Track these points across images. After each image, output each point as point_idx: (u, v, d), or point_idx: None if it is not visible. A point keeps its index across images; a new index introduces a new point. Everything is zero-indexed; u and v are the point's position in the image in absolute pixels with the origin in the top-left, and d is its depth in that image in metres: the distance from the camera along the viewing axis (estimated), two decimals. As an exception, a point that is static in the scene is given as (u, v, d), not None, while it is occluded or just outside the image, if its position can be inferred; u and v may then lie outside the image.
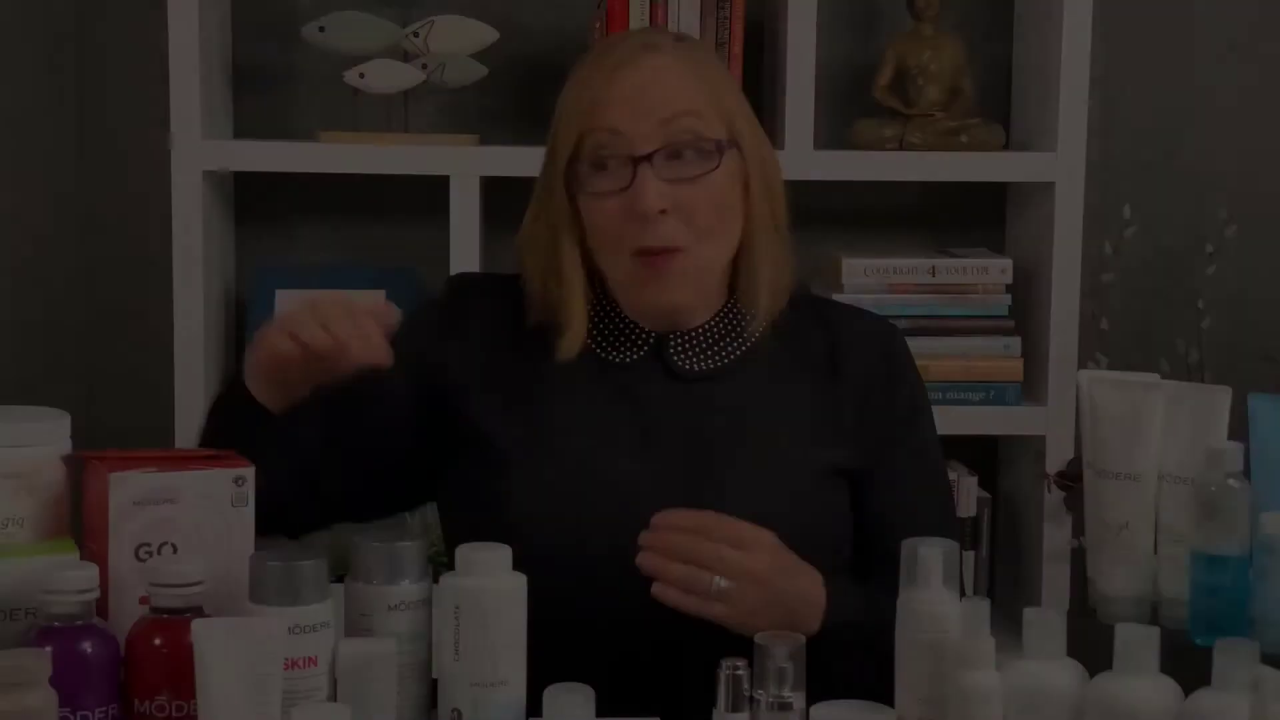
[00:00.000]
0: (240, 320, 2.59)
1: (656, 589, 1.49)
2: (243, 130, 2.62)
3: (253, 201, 2.64)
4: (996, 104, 2.66)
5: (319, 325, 1.54)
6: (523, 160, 2.49)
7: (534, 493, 1.62)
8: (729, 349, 1.70)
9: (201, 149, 2.40)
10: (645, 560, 1.49)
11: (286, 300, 2.51)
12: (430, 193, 2.48)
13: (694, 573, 1.49)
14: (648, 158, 1.61)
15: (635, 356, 1.69)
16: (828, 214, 2.63)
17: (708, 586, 1.48)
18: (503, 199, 2.48)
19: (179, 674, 1.31)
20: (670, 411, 1.66)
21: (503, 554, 1.42)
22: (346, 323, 1.54)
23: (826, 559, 1.61)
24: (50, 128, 2.61)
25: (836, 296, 2.46)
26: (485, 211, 2.47)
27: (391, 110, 2.51)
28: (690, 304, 1.67)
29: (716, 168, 1.63)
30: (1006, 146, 2.56)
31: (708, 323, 1.70)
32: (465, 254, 2.41)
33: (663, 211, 1.61)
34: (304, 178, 2.54)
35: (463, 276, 1.89)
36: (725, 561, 1.49)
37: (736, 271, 1.70)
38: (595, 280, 1.71)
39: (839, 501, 1.68)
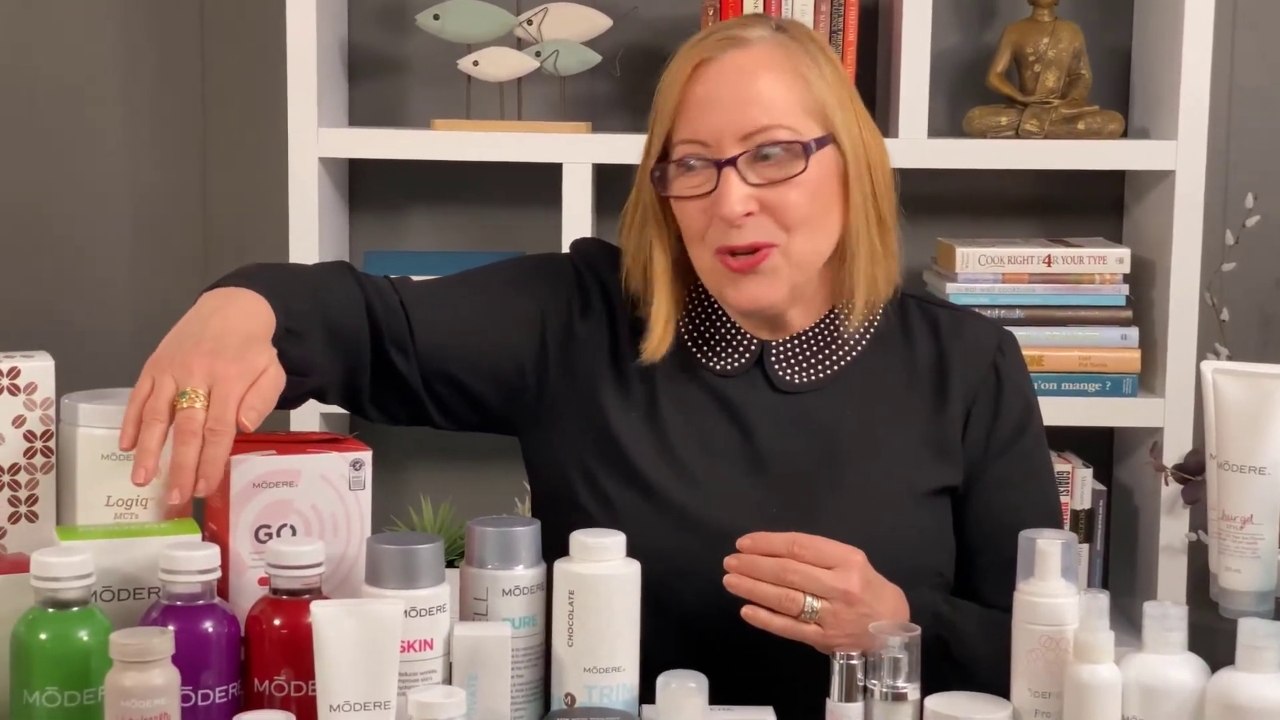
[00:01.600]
0: (354, 306, 2.61)
1: (747, 611, 1.47)
2: (357, 118, 2.64)
3: (366, 189, 2.67)
4: (1115, 91, 2.62)
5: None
6: (634, 148, 2.48)
7: (639, 499, 1.61)
8: (832, 359, 1.66)
9: (317, 137, 2.43)
10: (734, 583, 1.47)
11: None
12: (542, 180, 2.49)
13: (786, 595, 1.47)
14: (732, 162, 1.57)
15: (737, 364, 1.66)
16: (941, 202, 2.61)
17: (800, 609, 1.47)
18: (614, 186, 2.48)
19: (298, 654, 1.33)
20: (770, 427, 1.63)
21: (617, 540, 1.42)
22: (185, 462, 1.35)
23: (925, 579, 1.60)
24: (174, 115, 2.65)
25: (950, 286, 2.44)
26: (597, 199, 2.48)
27: (504, 98, 2.52)
28: (784, 304, 1.63)
29: (803, 170, 1.58)
30: (1125, 134, 2.53)
31: (810, 329, 1.67)
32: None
33: (749, 214, 1.58)
34: (417, 165, 2.56)
35: (607, 249, 1.74)
36: (816, 583, 1.47)
37: (838, 270, 1.66)
38: (698, 285, 1.69)
39: (940, 521, 1.65)
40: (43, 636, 1.29)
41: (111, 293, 2.66)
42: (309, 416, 2.42)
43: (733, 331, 1.67)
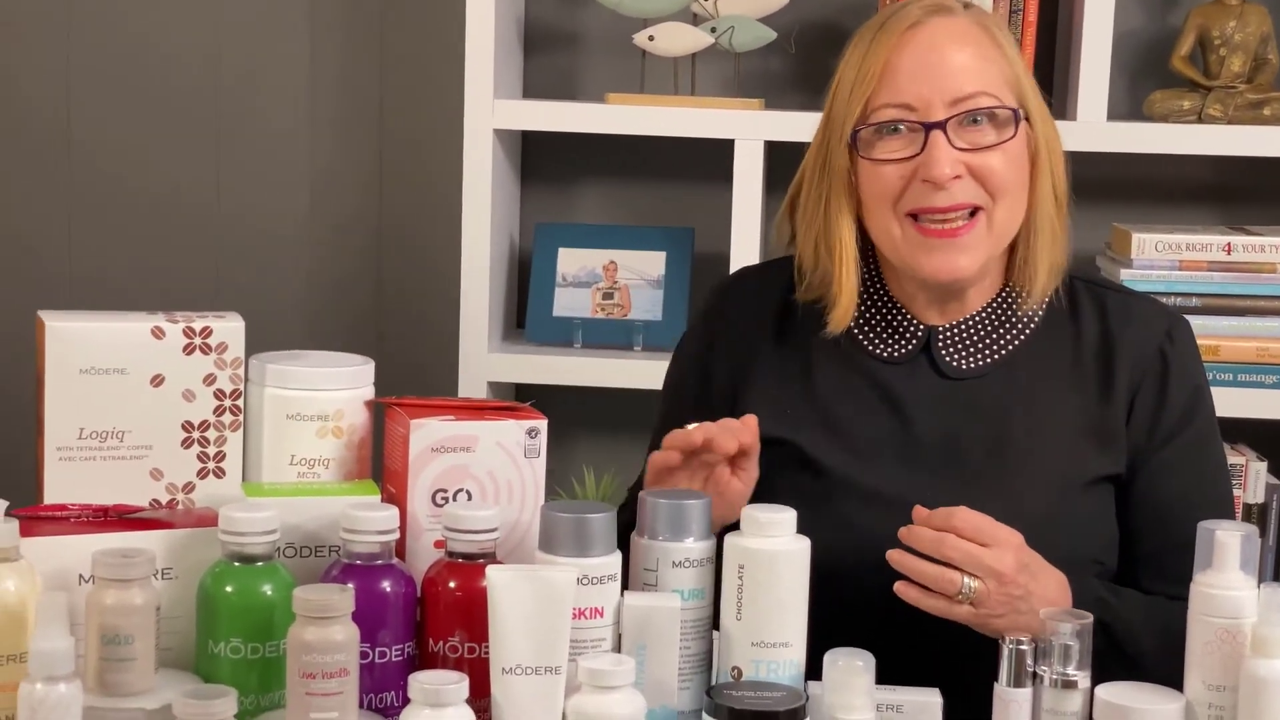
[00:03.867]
0: (523, 276, 2.65)
1: (900, 587, 1.47)
2: (532, 91, 2.67)
3: (538, 161, 2.69)
4: (1302, 77, 2.55)
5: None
6: (807, 125, 2.47)
7: (798, 487, 1.62)
8: (1001, 341, 1.66)
9: (492, 109, 2.46)
10: (896, 559, 1.48)
11: (568, 258, 2.56)
12: (714, 156, 2.49)
13: (943, 573, 1.46)
14: (941, 125, 1.59)
15: (903, 351, 1.66)
16: (1119, 186, 2.57)
17: (956, 588, 1.46)
18: (786, 164, 2.47)
19: (472, 617, 1.35)
20: (932, 414, 1.63)
21: (788, 517, 1.43)
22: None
23: (1086, 568, 1.58)
24: (353, 87, 2.69)
25: (1125, 272, 2.40)
26: (768, 176, 2.48)
27: (678, 73, 2.53)
28: (974, 276, 1.63)
29: (1013, 136, 1.60)
30: (1312, 121, 2.46)
31: (980, 311, 1.66)
32: (747, 218, 2.42)
33: (956, 177, 1.58)
34: (589, 138, 2.58)
35: (725, 282, 1.83)
36: (972, 560, 1.46)
37: (1015, 250, 1.66)
38: (868, 265, 1.69)
39: (1104, 510, 1.63)
40: (228, 589, 1.33)
41: (292, 260, 2.72)
42: (477, 385, 2.46)
43: (900, 317, 1.67)
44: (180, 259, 2.71)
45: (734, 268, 2.42)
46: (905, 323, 1.66)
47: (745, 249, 2.42)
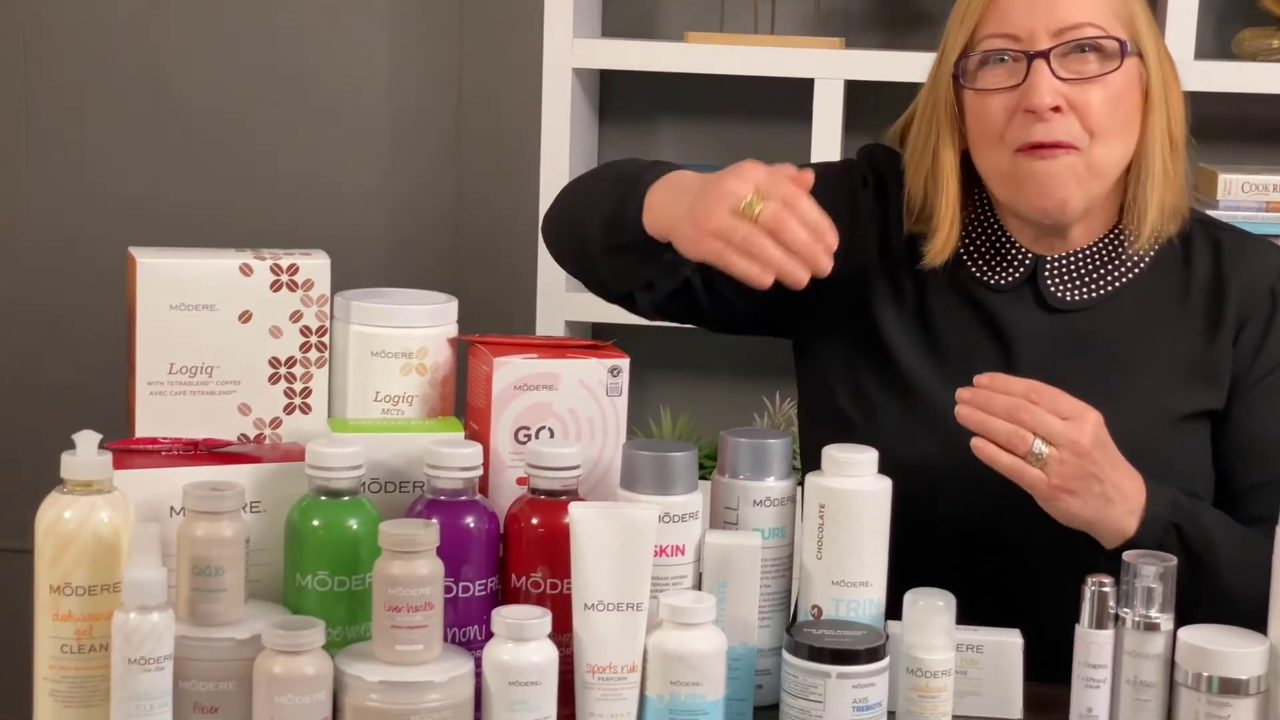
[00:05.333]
0: (601, 217, 2.65)
1: (976, 443, 1.45)
2: (611, 30, 2.66)
3: (616, 100, 2.69)
4: (1394, 15, 2.50)
5: (776, 241, 1.42)
6: (887, 65, 2.47)
7: (900, 405, 1.62)
8: (1108, 277, 1.65)
9: (571, 48, 2.45)
10: (966, 415, 1.46)
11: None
12: (793, 95, 2.48)
13: (1017, 432, 1.44)
14: (1044, 54, 1.57)
15: (1009, 279, 1.65)
16: (1204, 126, 2.52)
17: (1027, 448, 1.45)
18: (865, 103, 2.47)
19: (554, 553, 1.36)
20: (1035, 344, 1.63)
21: (869, 456, 1.43)
22: (802, 239, 1.42)
23: None
24: (433, 26, 2.70)
25: (1209, 214, 2.37)
26: (848, 116, 2.46)
27: (758, 11, 2.51)
28: (1076, 211, 1.61)
29: (1117, 69, 1.58)
30: (1404, 60, 2.42)
31: (1090, 246, 1.66)
32: (825, 157, 2.40)
33: (1056, 109, 1.56)
34: (668, 77, 2.57)
35: (876, 151, 1.76)
36: (1048, 427, 1.44)
37: (1126, 189, 1.65)
38: (978, 194, 1.68)
39: (1199, 445, 1.62)
40: (315, 523, 1.34)
41: (372, 201, 2.73)
42: (554, 325, 2.47)
43: (1009, 245, 1.66)
44: (263, 199, 2.73)
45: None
46: (1013, 251, 1.66)
47: (824, 189, 2.40)
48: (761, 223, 1.41)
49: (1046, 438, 1.44)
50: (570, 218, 1.68)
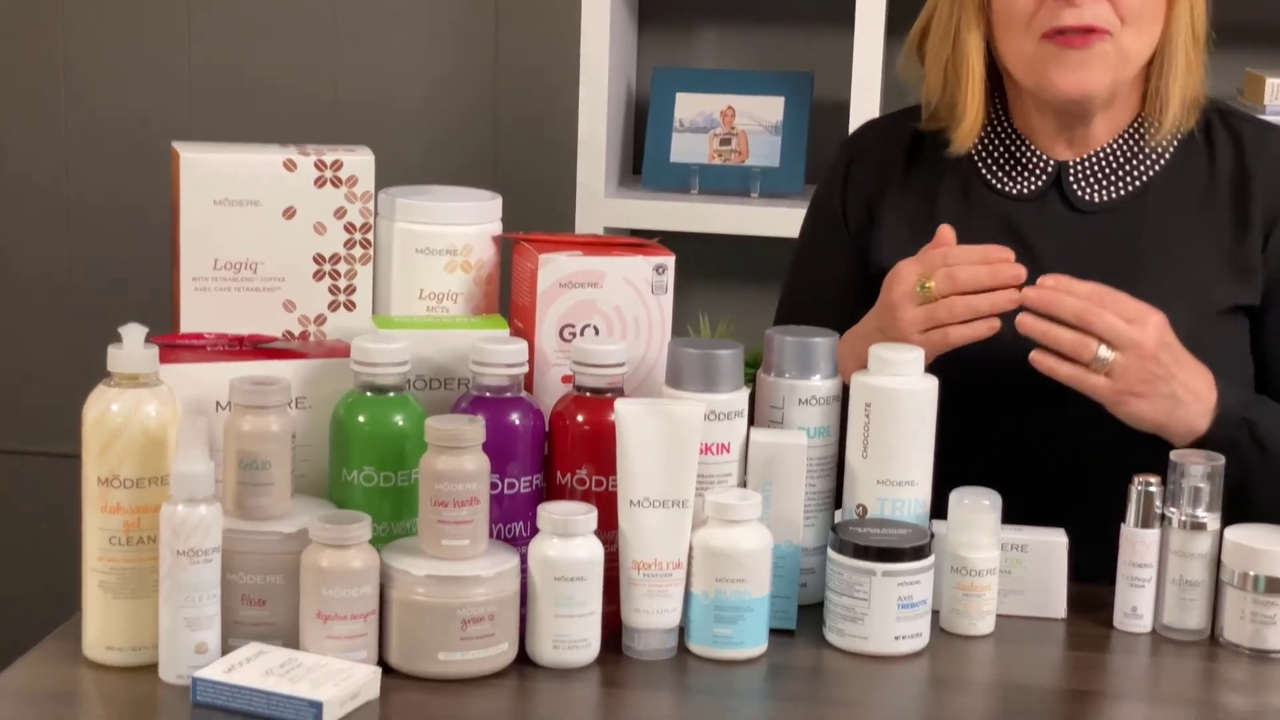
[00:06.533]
0: (640, 122, 2.63)
1: (1035, 355, 1.45)
2: (649, -67, 2.63)
3: (656, 3, 2.66)
4: None
5: (960, 313, 1.47)
6: (932, -33, 2.41)
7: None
8: (1133, 174, 1.63)
9: (611, -50, 2.43)
10: (1027, 323, 1.45)
11: (685, 103, 2.53)
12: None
13: (1079, 339, 1.43)
14: None
15: (1032, 187, 1.64)
16: (1253, 30, 2.49)
17: (1091, 356, 1.44)
18: (907, 6, 2.43)
19: (599, 450, 1.36)
20: (1061, 250, 1.61)
21: (915, 355, 1.42)
22: (982, 276, 1.47)
23: None
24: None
25: (1263, 118, 2.34)
26: (890, 19, 2.43)
27: (800, -86, 2.48)
28: (1103, 97, 1.59)
29: None
30: None
31: (1112, 142, 1.64)
32: (868, 62, 2.38)
33: None
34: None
35: (855, 131, 1.84)
36: (1113, 330, 1.43)
37: (1148, 79, 1.63)
38: (996, 100, 1.66)
39: (1239, 342, 1.61)
40: (361, 419, 1.34)
41: (409, 101, 2.72)
42: (593, 230, 2.45)
43: (1028, 153, 1.65)
44: (301, 96, 2.72)
45: (854, 113, 2.40)
46: (1033, 158, 1.64)
47: (866, 95, 2.38)
48: (943, 293, 1.46)
49: (1112, 341, 1.43)
50: None
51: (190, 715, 1.23)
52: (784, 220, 2.42)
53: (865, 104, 2.37)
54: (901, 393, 1.41)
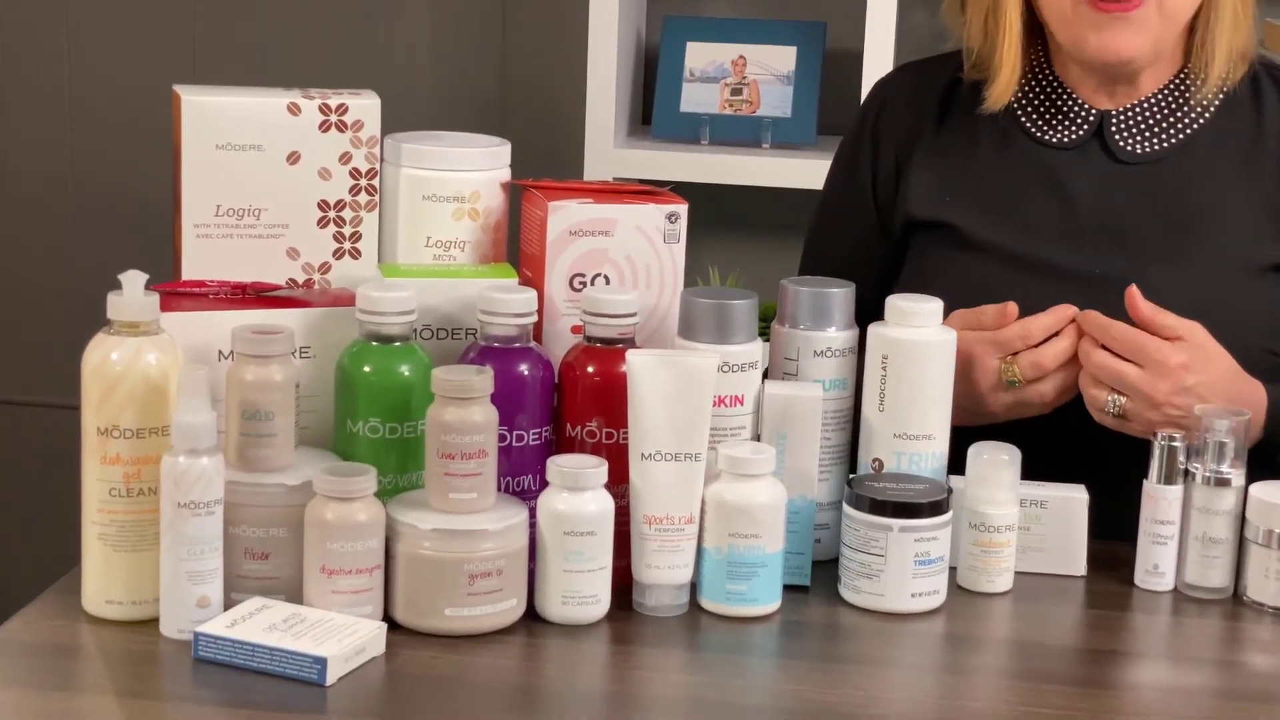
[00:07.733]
0: (650, 71, 2.59)
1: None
2: (661, -122, 2.59)
3: (666, -48, 2.62)
4: None
5: (1049, 393, 1.47)
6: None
7: (955, 274, 1.58)
8: (1177, 125, 1.59)
9: (621, -105, 2.38)
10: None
11: (696, 53, 2.49)
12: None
13: (1093, 396, 1.43)
14: None
15: (1073, 136, 1.60)
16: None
17: (1104, 405, 1.43)
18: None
19: (610, 402, 1.33)
20: (1102, 199, 1.58)
21: (934, 306, 1.39)
22: (1061, 349, 1.46)
23: (1256, 358, 1.52)
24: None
25: (1278, 70, 2.30)
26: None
27: None
28: (1144, 59, 1.56)
29: None
30: None
31: (1156, 94, 1.60)
32: (882, 12, 2.34)
33: None
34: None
35: (887, 74, 1.80)
36: (1124, 382, 1.41)
37: (1194, 31, 1.59)
38: (1038, 49, 1.63)
39: (1274, 300, 1.58)
40: (366, 369, 1.31)
41: (416, 46, 2.68)
42: (601, 177, 2.42)
43: (1070, 102, 1.61)
44: (310, 40, 2.68)
45: (867, 63, 2.36)
46: (1075, 108, 1.61)
47: (879, 45, 2.34)
48: (1029, 379, 1.45)
49: (1123, 391, 1.42)
50: None
51: (191, 670, 1.20)
52: (795, 171, 2.38)
53: (879, 54, 2.33)
54: (919, 344, 1.37)
